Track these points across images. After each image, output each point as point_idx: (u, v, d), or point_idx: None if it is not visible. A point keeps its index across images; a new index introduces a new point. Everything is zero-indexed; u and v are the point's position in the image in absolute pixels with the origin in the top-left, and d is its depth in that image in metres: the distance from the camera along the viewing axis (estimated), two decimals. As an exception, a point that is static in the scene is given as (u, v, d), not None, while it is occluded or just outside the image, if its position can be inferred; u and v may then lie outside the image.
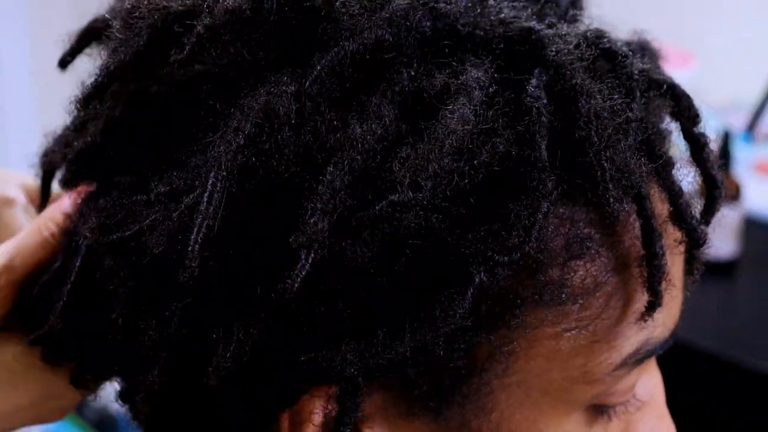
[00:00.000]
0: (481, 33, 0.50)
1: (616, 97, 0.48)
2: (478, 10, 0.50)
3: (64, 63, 0.58)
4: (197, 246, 0.46)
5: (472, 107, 0.46)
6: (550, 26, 0.51)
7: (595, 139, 0.47)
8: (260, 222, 0.47)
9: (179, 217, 0.47)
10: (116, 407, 2.02)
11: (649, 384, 0.55)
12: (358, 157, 0.45)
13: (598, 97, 0.48)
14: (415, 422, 0.50)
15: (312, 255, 0.45)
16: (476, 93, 0.46)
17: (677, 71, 1.39)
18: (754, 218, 1.55)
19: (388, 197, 0.45)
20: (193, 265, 0.46)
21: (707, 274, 0.54)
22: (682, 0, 2.01)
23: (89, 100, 0.52)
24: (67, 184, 0.55)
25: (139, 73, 0.51)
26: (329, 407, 0.49)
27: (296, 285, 0.45)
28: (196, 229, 0.46)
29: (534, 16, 0.52)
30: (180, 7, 0.49)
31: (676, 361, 0.52)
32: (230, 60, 0.48)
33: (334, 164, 0.45)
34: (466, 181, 0.45)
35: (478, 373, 0.49)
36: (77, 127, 0.54)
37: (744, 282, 1.46)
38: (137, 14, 0.50)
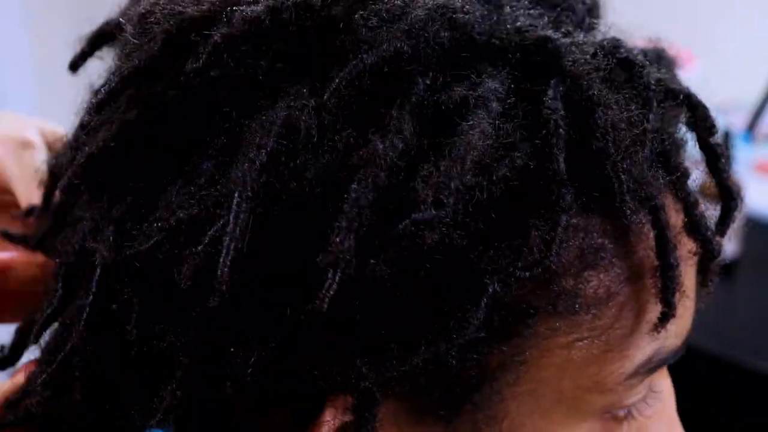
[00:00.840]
0: (497, 42, 0.49)
1: (633, 107, 0.48)
2: (494, 18, 0.50)
3: (75, 66, 0.57)
4: (226, 270, 0.45)
5: (490, 120, 0.46)
6: (566, 35, 0.51)
7: (612, 150, 0.46)
8: (286, 242, 0.46)
9: (205, 248, 0.46)
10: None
11: (663, 387, 0.54)
12: (382, 174, 0.44)
13: (615, 107, 0.47)
14: (426, 430, 0.50)
15: (339, 274, 0.44)
16: (494, 105, 0.46)
17: (679, 71, 1.39)
18: (754, 218, 1.55)
19: (411, 216, 0.44)
20: (223, 289, 0.45)
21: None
22: (683, 1, 2.01)
23: (103, 106, 0.51)
24: (72, 189, 0.53)
25: (154, 78, 0.50)
26: (345, 417, 0.49)
27: (325, 304, 0.44)
28: (224, 253, 0.45)
29: (550, 25, 0.51)
30: (196, 13, 0.48)
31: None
32: (247, 70, 0.48)
33: (358, 181, 0.44)
34: (486, 196, 0.45)
35: (488, 382, 0.49)
36: (89, 132, 0.53)
37: (744, 282, 1.46)
38: (152, 19, 0.50)
